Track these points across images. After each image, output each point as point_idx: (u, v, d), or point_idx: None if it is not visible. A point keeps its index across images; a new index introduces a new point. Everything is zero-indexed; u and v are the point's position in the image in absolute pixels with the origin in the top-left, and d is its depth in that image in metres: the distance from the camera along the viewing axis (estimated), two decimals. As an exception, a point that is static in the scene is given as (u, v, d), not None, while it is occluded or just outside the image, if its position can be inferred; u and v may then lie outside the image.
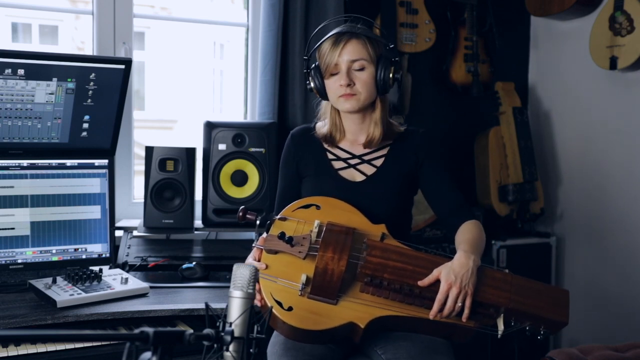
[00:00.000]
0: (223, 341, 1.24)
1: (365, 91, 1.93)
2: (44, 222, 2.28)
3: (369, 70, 1.93)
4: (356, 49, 1.92)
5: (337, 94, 1.94)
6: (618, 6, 2.97)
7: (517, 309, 1.77)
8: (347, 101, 1.93)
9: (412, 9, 3.07)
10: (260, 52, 2.77)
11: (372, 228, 1.88)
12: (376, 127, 1.98)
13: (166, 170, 2.50)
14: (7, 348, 1.84)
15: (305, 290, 1.75)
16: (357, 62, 1.92)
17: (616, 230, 3.20)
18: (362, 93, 1.93)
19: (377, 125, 1.98)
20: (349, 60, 1.91)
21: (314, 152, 2.05)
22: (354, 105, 1.94)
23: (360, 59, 1.92)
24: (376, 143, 1.99)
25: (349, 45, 1.92)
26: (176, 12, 3.40)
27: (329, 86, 1.96)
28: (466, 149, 3.40)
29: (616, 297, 3.19)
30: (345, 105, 1.95)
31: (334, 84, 1.94)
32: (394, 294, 1.78)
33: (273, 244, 1.81)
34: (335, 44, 1.92)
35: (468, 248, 1.83)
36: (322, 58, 1.95)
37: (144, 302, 2.10)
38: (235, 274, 1.48)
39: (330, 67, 1.93)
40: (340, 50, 1.91)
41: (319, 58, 1.97)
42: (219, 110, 3.89)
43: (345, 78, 1.91)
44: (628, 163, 3.14)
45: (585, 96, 3.32)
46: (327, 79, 1.96)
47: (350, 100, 1.93)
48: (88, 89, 2.31)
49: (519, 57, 3.57)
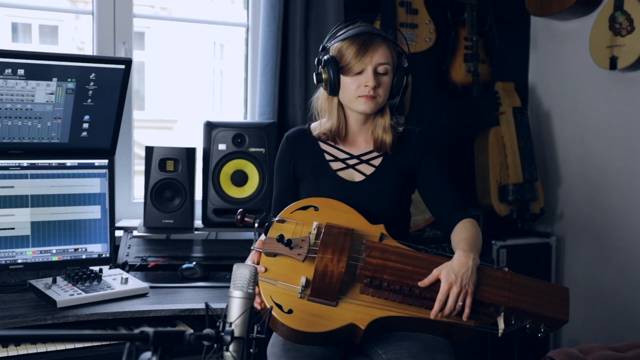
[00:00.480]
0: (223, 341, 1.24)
1: (384, 95, 1.94)
2: (44, 222, 2.28)
3: (390, 75, 1.94)
4: (385, 53, 1.92)
5: (358, 93, 1.93)
6: (618, 6, 2.97)
7: (518, 307, 1.77)
8: (367, 102, 1.93)
9: (412, 9, 3.07)
10: (260, 52, 2.77)
11: (370, 228, 1.88)
12: (386, 132, 1.98)
13: (166, 170, 2.50)
14: (7, 348, 1.84)
15: (305, 293, 1.75)
16: (383, 66, 1.92)
17: (616, 230, 3.20)
18: (381, 97, 1.94)
19: (386, 131, 1.98)
20: (378, 62, 1.91)
21: (311, 153, 2.04)
22: (372, 108, 1.94)
23: (387, 62, 1.92)
24: (388, 147, 1.99)
25: (380, 47, 1.91)
26: (176, 12, 3.40)
27: (346, 84, 1.94)
28: (466, 149, 3.40)
29: (616, 297, 3.19)
30: (362, 106, 1.94)
31: (354, 82, 1.92)
32: (394, 295, 1.78)
33: (272, 246, 1.81)
34: (366, 45, 1.90)
35: (467, 247, 1.83)
36: (347, 56, 1.92)
37: (144, 302, 2.10)
38: (235, 274, 1.48)
39: (356, 67, 1.91)
40: (372, 53, 1.90)
41: (340, 53, 1.93)
42: (219, 110, 3.89)
43: (373, 80, 1.90)
44: (628, 163, 3.14)
45: (585, 96, 3.32)
46: (346, 76, 1.93)
47: (370, 102, 1.93)
48: (88, 89, 2.31)
49: (519, 57, 3.57)
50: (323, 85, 1.97)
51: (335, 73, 1.93)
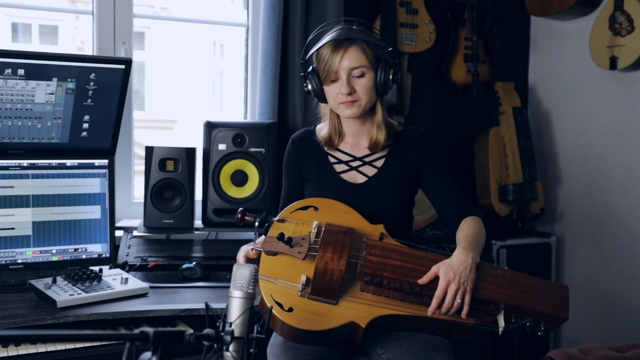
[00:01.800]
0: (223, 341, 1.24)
1: (366, 97, 1.93)
2: (44, 222, 2.28)
3: (368, 75, 1.92)
4: (355, 56, 1.90)
5: (338, 100, 1.93)
6: (618, 6, 2.97)
7: (518, 304, 1.77)
8: (349, 108, 1.93)
9: (412, 9, 3.07)
10: (260, 52, 2.77)
11: (370, 228, 1.88)
12: (379, 130, 1.98)
13: (166, 170, 2.50)
14: (7, 348, 1.84)
15: (306, 291, 1.75)
16: (357, 69, 1.90)
17: (616, 230, 3.20)
18: (363, 99, 1.92)
19: (380, 128, 1.98)
20: (349, 67, 1.90)
21: (315, 156, 2.05)
22: (356, 112, 1.94)
23: (360, 66, 1.90)
24: (382, 145, 1.99)
25: (348, 52, 1.89)
26: (176, 12, 3.40)
27: (328, 92, 1.95)
28: (466, 149, 3.40)
29: (616, 297, 3.19)
30: (346, 112, 1.94)
31: (333, 90, 1.93)
32: (394, 293, 1.78)
33: (272, 245, 1.81)
34: (334, 51, 1.89)
35: (467, 245, 1.84)
36: (321, 64, 1.92)
37: (144, 302, 2.10)
38: (235, 274, 1.49)
39: (330, 74, 1.91)
40: (340, 58, 1.89)
41: (317, 63, 1.94)
42: (219, 110, 3.89)
43: (346, 86, 1.90)
44: (628, 163, 3.14)
45: (585, 96, 3.32)
46: (326, 85, 1.94)
47: (352, 107, 1.93)
48: (88, 89, 2.31)
49: (519, 57, 3.57)
50: (312, 95, 1.99)
51: (317, 84, 1.94)
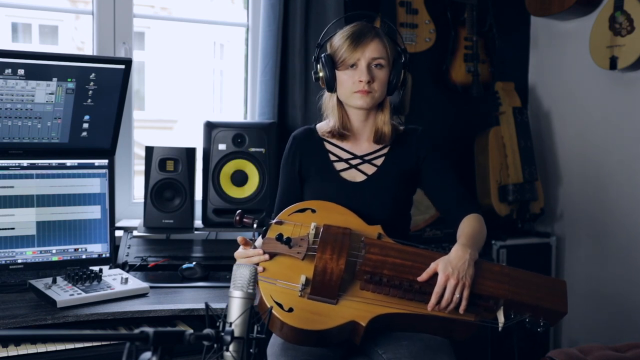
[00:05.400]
0: (223, 341, 1.24)
1: (380, 90, 1.95)
2: (44, 222, 2.28)
3: (386, 70, 1.95)
4: (378, 47, 1.93)
5: (353, 89, 1.94)
6: (618, 6, 2.97)
7: (517, 300, 1.78)
8: (363, 97, 1.94)
9: (412, 9, 3.07)
10: (260, 52, 2.77)
11: (368, 229, 1.88)
12: (385, 125, 2.00)
13: (166, 170, 2.50)
14: (7, 348, 1.84)
15: (305, 291, 1.75)
16: (378, 60, 1.93)
17: (616, 230, 3.20)
18: (377, 91, 1.95)
19: (386, 124, 2.00)
20: (371, 57, 1.92)
21: (316, 154, 2.05)
22: (369, 102, 1.95)
23: (381, 57, 1.93)
24: (387, 139, 2.00)
25: (373, 42, 1.93)
26: (176, 12, 3.40)
27: (342, 79, 1.96)
28: (466, 149, 3.40)
29: (616, 297, 3.19)
30: (359, 101, 1.95)
31: (349, 78, 1.94)
32: (394, 290, 1.78)
33: (271, 246, 1.81)
34: (359, 39, 1.93)
35: (466, 241, 1.84)
36: (340, 50, 1.94)
37: (144, 302, 2.10)
38: (235, 274, 1.49)
39: (349, 60, 1.93)
40: (364, 46, 1.92)
41: (334, 49, 1.96)
42: (219, 110, 3.89)
43: (366, 74, 1.92)
44: (628, 163, 3.14)
45: (585, 96, 3.32)
46: (341, 71, 1.95)
47: (366, 97, 1.94)
48: (88, 89, 2.31)
49: (519, 57, 3.57)
50: (320, 82, 2.00)
51: (330, 70, 1.95)
